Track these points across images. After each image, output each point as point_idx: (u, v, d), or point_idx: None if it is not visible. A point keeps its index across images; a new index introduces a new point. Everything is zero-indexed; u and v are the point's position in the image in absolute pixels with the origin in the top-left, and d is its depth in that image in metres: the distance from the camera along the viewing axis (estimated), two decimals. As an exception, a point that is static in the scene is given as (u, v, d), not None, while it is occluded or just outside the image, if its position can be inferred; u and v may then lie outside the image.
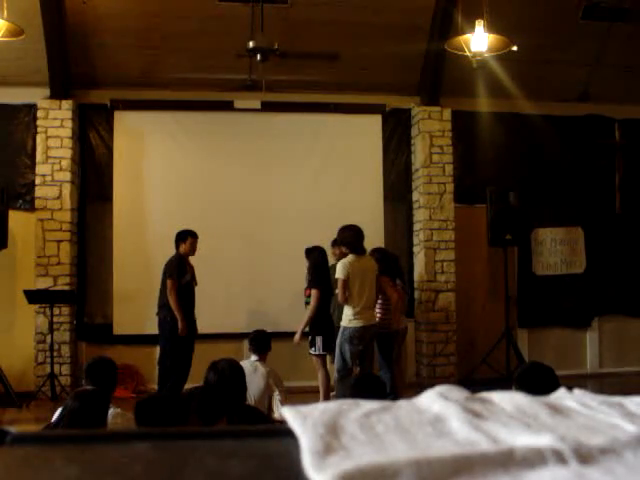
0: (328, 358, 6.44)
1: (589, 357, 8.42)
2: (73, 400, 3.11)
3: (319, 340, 6.46)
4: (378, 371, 6.29)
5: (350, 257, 6.01)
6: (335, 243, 6.64)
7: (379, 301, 6.27)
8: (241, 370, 3.94)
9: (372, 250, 6.34)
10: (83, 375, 4.05)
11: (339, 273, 5.95)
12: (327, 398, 6.40)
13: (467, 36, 5.90)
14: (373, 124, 8.19)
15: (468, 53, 5.89)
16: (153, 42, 7.38)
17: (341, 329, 5.99)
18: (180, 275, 6.51)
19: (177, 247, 6.71)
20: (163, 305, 6.50)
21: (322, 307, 6.36)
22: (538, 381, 3.33)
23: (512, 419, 0.58)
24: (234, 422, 3.25)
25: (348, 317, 5.95)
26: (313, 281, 6.45)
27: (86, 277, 7.73)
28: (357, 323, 5.92)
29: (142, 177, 7.83)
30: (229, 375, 3.74)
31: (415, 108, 8.14)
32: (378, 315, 6.27)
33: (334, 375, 6.13)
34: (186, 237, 6.70)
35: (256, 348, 5.50)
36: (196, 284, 6.77)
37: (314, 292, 6.35)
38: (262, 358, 5.42)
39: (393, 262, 6.60)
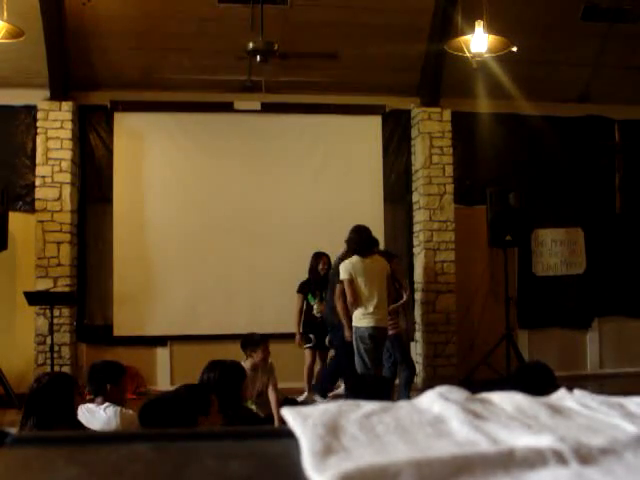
0: None
1: (589, 358, 8.42)
2: (35, 383, 3.21)
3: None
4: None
5: (354, 258, 6.02)
6: None
7: None
8: (236, 371, 3.93)
9: None
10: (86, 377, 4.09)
11: (342, 274, 5.97)
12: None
13: (467, 37, 5.91)
14: (373, 125, 8.19)
15: (468, 54, 5.89)
16: (153, 43, 7.39)
17: (353, 329, 6.02)
18: None
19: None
20: (334, 307, 6.41)
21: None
22: (534, 379, 3.34)
23: (512, 420, 0.58)
24: (230, 423, 3.25)
25: (357, 317, 5.97)
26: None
27: (86, 278, 7.73)
28: (367, 323, 5.92)
29: (142, 178, 7.83)
30: (225, 375, 3.74)
31: (415, 109, 8.14)
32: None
33: None
34: None
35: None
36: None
37: None
38: (247, 355, 5.42)
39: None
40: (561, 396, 0.66)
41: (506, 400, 0.63)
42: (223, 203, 7.84)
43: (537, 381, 3.34)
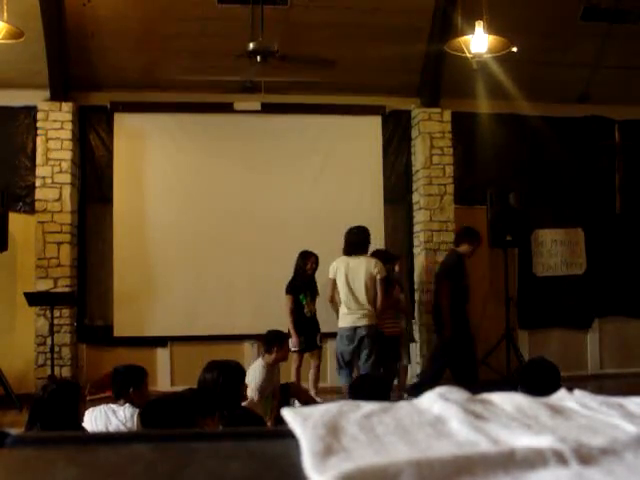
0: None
1: (590, 358, 8.41)
2: (41, 391, 3.23)
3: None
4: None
5: (340, 258, 6.11)
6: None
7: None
8: (236, 371, 3.93)
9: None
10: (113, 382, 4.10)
11: (329, 273, 6.12)
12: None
13: (467, 37, 5.91)
14: (373, 126, 8.19)
15: (468, 54, 5.89)
16: (153, 44, 7.38)
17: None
18: (459, 277, 6.54)
19: (458, 244, 6.73)
20: (438, 305, 6.55)
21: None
22: (541, 376, 3.35)
23: (512, 420, 0.58)
24: (229, 424, 3.25)
25: (339, 317, 6.08)
26: None
27: (86, 279, 7.73)
28: (345, 323, 5.99)
29: (142, 179, 7.83)
30: (224, 376, 3.74)
31: (415, 109, 8.14)
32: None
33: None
34: (474, 239, 6.78)
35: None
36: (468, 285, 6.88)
37: None
38: (269, 352, 5.52)
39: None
40: (561, 396, 0.66)
41: (506, 400, 0.63)
42: (223, 203, 7.84)
43: (542, 378, 3.35)
